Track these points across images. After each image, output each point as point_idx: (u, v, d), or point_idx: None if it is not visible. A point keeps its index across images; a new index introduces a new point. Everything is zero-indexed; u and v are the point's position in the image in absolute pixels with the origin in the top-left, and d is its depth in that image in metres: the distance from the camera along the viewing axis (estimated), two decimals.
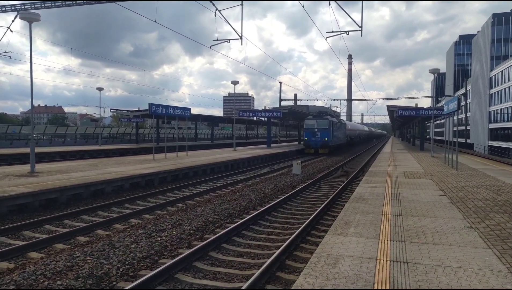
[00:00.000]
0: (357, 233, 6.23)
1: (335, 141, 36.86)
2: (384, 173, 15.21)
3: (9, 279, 5.40)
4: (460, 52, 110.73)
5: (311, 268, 4.68)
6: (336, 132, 37.52)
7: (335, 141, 36.89)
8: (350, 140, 52.99)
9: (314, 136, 34.42)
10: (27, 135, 37.64)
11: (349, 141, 51.49)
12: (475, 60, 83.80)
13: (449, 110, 18.06)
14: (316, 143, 34.46)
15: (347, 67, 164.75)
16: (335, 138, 37.11)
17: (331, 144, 35.11)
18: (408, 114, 32.03)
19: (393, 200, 9.26)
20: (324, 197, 12.84)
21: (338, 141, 39.09)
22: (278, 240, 8.03)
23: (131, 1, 21.01)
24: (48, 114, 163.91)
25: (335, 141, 36.86)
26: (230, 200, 11.69)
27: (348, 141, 50.30)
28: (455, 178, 13.52)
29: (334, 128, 36.30)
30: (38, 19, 14.20)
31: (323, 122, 34.66)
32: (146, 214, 10.23)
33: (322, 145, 34.24)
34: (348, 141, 49.42)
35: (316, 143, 34.48)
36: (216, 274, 6.08)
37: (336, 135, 37.49)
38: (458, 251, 5.32)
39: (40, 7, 23.00)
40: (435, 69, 24.01)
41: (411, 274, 4.45)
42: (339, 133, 39.44)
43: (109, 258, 6.32)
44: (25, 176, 13.47)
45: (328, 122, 34.49)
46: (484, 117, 71.79)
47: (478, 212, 7.87)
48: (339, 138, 40.20)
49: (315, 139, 34.41)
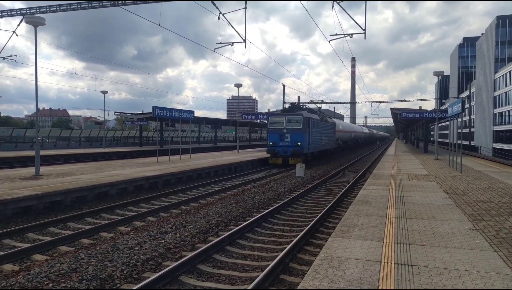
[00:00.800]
0: (361, 236, 6.21)
1: (314, 146, 26.76)
2: (388, 175, 15.15)
3: (14, 281, 5.42)
4: (464, 55, 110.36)
5: (315, 270, 4.66)
6: (317, 133, 27.46)
7: (315, 147, 26.79)
8: (343, 145, 42.20)
9: (282, 140, 24.58)
10: (32, 138, 37.85)
11: (341, 146, 40.77)
12: (479, 62, 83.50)
13: (453, 113, 17.98)
14: (284, 150, 24.44)
15: (351, 70, 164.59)
16: (315, 142, 26.95)
17: (308, 151, 25.11)
18: (412, 117, 31.88)
19: (397, 202, 9.23)
20: (328, 200, 12.81)
21: (320, 146, 28.86)
22: (281, 243, 8.02)
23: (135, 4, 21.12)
24: (52, 117, 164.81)
25: (314, 146, 26.76)
26: (233, 203, 11.69)
27: (340, 146, 39.73)
28: (459, 181, 13.45)
29: (314, 128, 26.24)
30: (43, 23, 14.31)
31: (294, 119, 24.69)
32: (150, 217, 10.25)
33: (294, 153, 24.11)
34: (339, 146, 39.01)
35: (285, 149, 24.45)
36: (220, 277, 6.07)
37: (317, 138, 27.41)
38: (463, 253, 5.29)
39: (45, 11, 23.17)
40: (439, 71, 23.96)
41: (416, 277, 4.43)
42: (322, 135, 29.31)
43: (113, 261, 6.33)
44: (30, 178, 13.54)
45: (303, 119, 24.34)
46: (488, 120, 71.43)
47: (483, 214, 7.82)
48: (324, 142, 29.97)
49: (284, 145, 24.48)
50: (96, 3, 22.00)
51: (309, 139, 25.14)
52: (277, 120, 25.40)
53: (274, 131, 25.04)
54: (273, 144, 24.91)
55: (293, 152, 24.15)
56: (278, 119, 25.36)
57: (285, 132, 24.57)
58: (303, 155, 24.27)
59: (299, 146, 24.16)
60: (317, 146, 27.61)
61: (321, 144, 29.28)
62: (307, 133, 24.79)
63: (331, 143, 33.42)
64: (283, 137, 24.56)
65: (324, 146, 30.39)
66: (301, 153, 24.12)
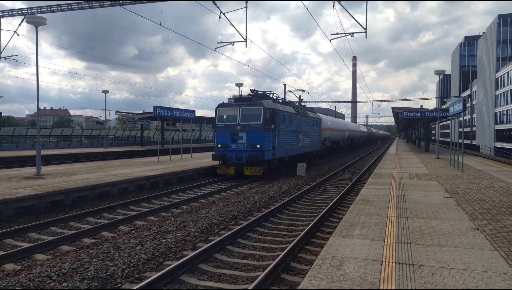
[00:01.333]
0: (362, 235, 6.20)
1: (285, 149, 19.71)
2: (389, 174, 15.14)
3: (16, 281, 5.43)
4: (465, 54, 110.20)
5: (316, 270, 4.66)
6: (289, 132, 20.47)
7: (285, 150, 19.74)
8: (333, 146, 35.11)
9: (235, 141, 17.47)
10: (33, 137, 37.91)
11: (331, 147, 33.66)
12: (480, 61, 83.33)
13: (455, 112, 17.96)
14: (238, 155, 17.37)
15: (352, 69, 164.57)
16: (286, 143, 19.85)
17: (273, 156, 18.14)
18: (413, 116, 31.84)
19: (399, 202, 9.22)
20: (329, 199, 12.80)
21: (296, 148, 21.90)
22: (283, 242, 8.02)
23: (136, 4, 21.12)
24: (54, 117, 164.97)
25: (285, 149, 19.71)
26: (234, 202, 11.69)
27: (329, 147, 32.93)
28: (461, 180, 13.44)
29: (283, 124, 19.36)
30: (44, 23, 14.32)
31: (252, 111, 17.48)
32: (151, 216, 10.26)
33: (250, 160, 16.87)
34: (328, 148, 32.28)
35: (238, 155, 17.37)
36: (221, 276, 6.08)
37: (289, 137, 20.39)
38: (464, 253, 5.28)
39: (46, 11, 23.19)
40: (441, 70, 23.94)
41: (417, 276, 4.42)
42: (299, 134, 22.38)
43: (114, 260, 6.34)
44: (31, 178, 13.56)
45: (264, 111, 17.16)
46: (490, 119, 71.31)
47: (485, 213, 7.81)
48: (302, 143, 23.05)
49: (237, 148, 17.43)
50: (97, 2, 22.00)
51: (275, 139, 18.23)
52: (229, 112, 17.93)
53: (224, 129, 17.75)
54: (222, 147, 17.59)
55: (248, 159, 16.71)
56: (230, 112, 17.88)
57: (239, 130, 17.29)
58: (265, 163, 17.41)
59: (258, 150, 16.88)
60: (289, 149, 20.53)
61: (297, 146, 22.08)
62: (272, 131, 17.82)
63: (315, 144, 26.51)
64: (237, 137, 17.35)
65: (303, 149, 23.27)
66: (261, 160, 16.95)
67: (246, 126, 17.35)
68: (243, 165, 17.38)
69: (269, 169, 18.63)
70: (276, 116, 18.42)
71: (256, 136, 17.16)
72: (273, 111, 18.10)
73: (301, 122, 23.00)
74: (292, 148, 21.16)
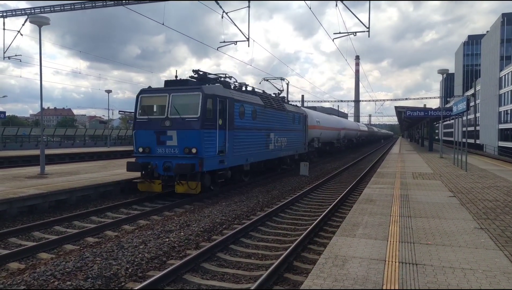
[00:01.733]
0: (366, 235, 6.19)
1: (241, 154, 14.14)
2: (393, 174, 15.11)
3: (20, 279, 5.46)
4: (469, 53, 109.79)
5: (319, 269, 4.66)
6: (250, 129, 14.97)
7: (241, 155, 14.15)
8: (324, 148, 30.62)
9: (162, 143, 11.97)
10: (37, 137, 38.09)
11: (321, 149, 29.09)
12: (484, 60, 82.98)
13: (458, 111, 17.90)
14: (167, 164, 11.75)
15: (355, 68, 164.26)
16: (242, 146, 14.26)
17: (220, 165, 12.70)
18: (416, 115, 31.79)
19: (402, 201, 9.20)
20: (332, 198, 12.79)
21: (263, 153, 16.35)
22: (285, 241, 8.02)
23: (139, 4, 21.17)
24: (57, 116, 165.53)
25: (241, 154, 14.14)
26: (237, 201, 11.70)
27: (318, 149, 28.10)
28: (464, 179, 13.39)
29: (241, 119, 14.08)
30: (47, 22, 14.38)
31: (187, 99, 12.11)
32: (154, 215, 10.28)
33: (180, 171, 11.32)
34: (317, 149, 27.82)
35: (167, 163, 11.78)
36: (224, 275, 6.09)
37: (250, 139, 14.87)
38: (468, 252, 5.26)
39: (49, 11, 23.29)
40: (444, 69, 23.84)
41: (420, 276, 4.41)
42: (269, 133, 16.89)
43: (118, 259, 6.37)
44: (35, 177, 13.62)
45: (202, 99, 11.70)
46: (493, 118, 71.01)
47: (488, 213, 7.78)
48: (273, 145, 17.42)
49: (164, 152, 11.96)
50: (100, 2, 22.08)
51: (225, 140, 12.72)
52: (154, 101, 12.76)
53: (147, 125, 12.22)
54: (144, 151, 12.12)
55: (178, 170, 11.33)
56: (156, 100, 12.66)
57: (167, 127, 11.85)
58: (205, 175, 11.94)
59: (193, 157, 11.49)
60: (252, 154, 14.86)
61: (266, 150, 16.45)
62: (220, 128, 12.41)
63: (296, 146, 21.04)
64: (164, 137, 11.87)
65: (277, 152, 17.83)
66: (198, 172, 11.52)
67: (177, 121, 11.62)
68: (174, 178, 11.61)
69: (214, 183, 12.65)
70: (227, 107, 12.69)
71: (191, 135, 11.45)
72: (221, 100, 12.41)
73: (274, 118, 17.39)
74: (257, 152, 15.40)
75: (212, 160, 12.05)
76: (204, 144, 11.56)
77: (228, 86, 14.36)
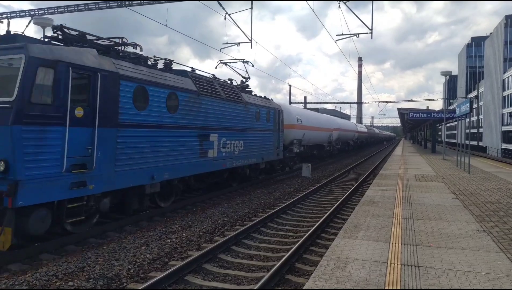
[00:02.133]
0: (368, 237, 6.18)
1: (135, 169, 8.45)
2: (395, 176, 15.07)
3: (22, 280, 5.48)
4: (472, 54, 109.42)
5: (320, 271, 4.66)
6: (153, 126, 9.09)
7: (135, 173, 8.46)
8: (309, 152, 26.55)
9: None
10: None
11: (302, 153, 24.13)
12: (487, 62, 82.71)
13: (461, 113, 17.84)
14: None
15: (357, 70, 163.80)
16: (134, 156, 8.40)
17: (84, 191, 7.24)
18: (419, 117, 31.65)
19: (404, 203, 9.18)
20: (334, 200, 12.76)
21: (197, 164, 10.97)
22: (287, 243, 8.01)
23: (142, 5, 21.25)
24: None
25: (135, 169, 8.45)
26: (239, 203, 11.71)
27: (300, 153, 23.25)
28: (467, 181, 13.34)
29: (140, 109, 8.64)
30: (51, 24, 14.46)
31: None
32: (156, 216, 10.28)
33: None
34: (299, 154, 22.95)
35: None
36: (226, 276, 6.09)
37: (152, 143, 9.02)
38: (470, 255, 5.25)
39: (53, 12, 23.40)
40: (447, 71, 23.86)
41: (422, 278, 4.40)
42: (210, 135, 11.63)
43: (120, 260, 6.38)
44: None
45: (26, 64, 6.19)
46: (497, 120, 70.71)
47: (491, 215, 7.75)
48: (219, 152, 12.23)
49: None
50: (103, 3, 22.17)
51: (93, 145, 7.42)
52: None
53: None
54: None
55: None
56: None
57: None
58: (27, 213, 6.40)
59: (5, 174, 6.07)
60: (163, 167, 9.55)
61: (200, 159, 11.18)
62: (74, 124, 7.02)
63: (263, 152, 16.07)
64: None
65: (223, 162, 12.61)
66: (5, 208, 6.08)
67: None
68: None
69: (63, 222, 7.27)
70: (98, 86, 7.56)
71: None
72: (81, 72, 7.31)
73: (219, 112, 12.30)
74: (179, 163, 10.24)
75: (48, 184, 6.60)
76: (24, 153, 6.23)
77: (108, 51, 8.74)
